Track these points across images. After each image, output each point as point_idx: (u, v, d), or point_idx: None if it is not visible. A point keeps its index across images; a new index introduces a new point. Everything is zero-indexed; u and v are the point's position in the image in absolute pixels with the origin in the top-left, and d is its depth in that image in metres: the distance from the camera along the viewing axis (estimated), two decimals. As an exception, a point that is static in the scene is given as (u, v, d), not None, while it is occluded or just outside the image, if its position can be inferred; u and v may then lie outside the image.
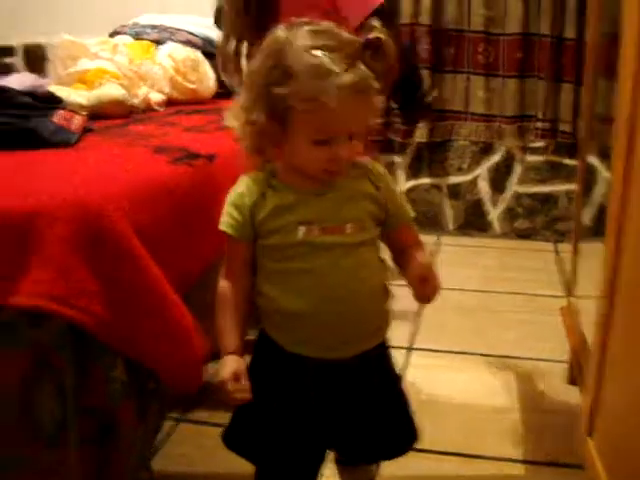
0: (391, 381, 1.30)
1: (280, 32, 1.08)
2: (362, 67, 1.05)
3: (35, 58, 2.56)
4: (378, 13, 1.64)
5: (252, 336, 1.22)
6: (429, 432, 1.31)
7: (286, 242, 1.13)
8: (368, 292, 1.18)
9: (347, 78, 1.02)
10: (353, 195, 1.15)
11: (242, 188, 1.14)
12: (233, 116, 1.12)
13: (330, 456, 1.34)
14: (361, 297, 1.16)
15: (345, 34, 1.08)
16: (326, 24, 1.09)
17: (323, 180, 1.12)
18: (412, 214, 1.23)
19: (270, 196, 1.13)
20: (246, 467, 1.26)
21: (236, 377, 1.10)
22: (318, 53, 1.02)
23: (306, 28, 1.07)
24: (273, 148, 1.10)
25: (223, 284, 1.16)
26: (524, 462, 1.72)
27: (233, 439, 1.26)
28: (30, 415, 1.10)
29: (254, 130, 1.09)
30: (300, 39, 1.05)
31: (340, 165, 1.09)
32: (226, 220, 1.13)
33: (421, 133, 3.38)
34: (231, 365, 1.11)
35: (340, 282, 1.14)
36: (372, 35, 1.06)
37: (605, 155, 3.18)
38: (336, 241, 1.13)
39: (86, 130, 1.55)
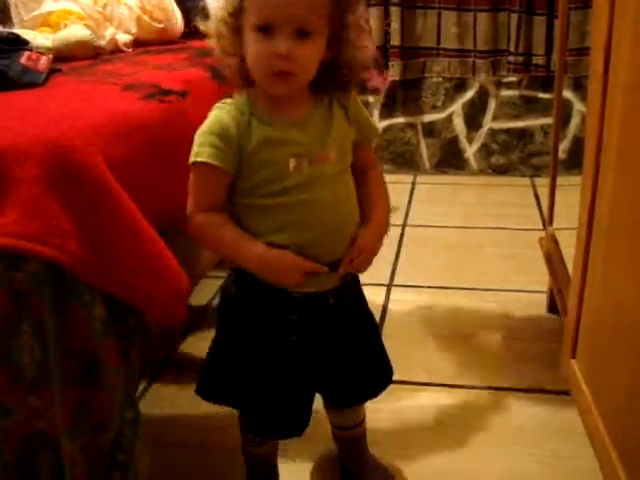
0: (368, 317, 1.31)
1: None
2: None
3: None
4: None
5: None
6: (412, 365, 1.32)
7: (275, 175, 1.11)
8: (347, 214, 1.19)
9: None
10: (329, 121, 1.14)
11: (224, 117, 1.10)
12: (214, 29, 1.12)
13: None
14: (342, 222, 1.17)
15: None
16: None
17: (278, 91, 1.09)
18: (379, 132, 1.24)
19: (256, 126, 1.10)
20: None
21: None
22: None
23: None
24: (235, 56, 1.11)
25: (204, 217, 1.14)
26: (509, 390, 1.75)
27: (209, 389, 1.26)
28: (9, 359, 1.08)
29: (223, 45, 1.11)
30: None
31: (286, 63, 1.05)
32: (208, 151, 1.09)
33: (394, 71, 3.34)
34: (284, 251, 1.12)
35: (325, 214, 1.14)
36: None
37: (578, 87, 3.17)
38: (322, 171, 1.12)
39: (54, 71, 1.51)
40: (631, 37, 1.10)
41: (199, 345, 1.98)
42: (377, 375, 1.33)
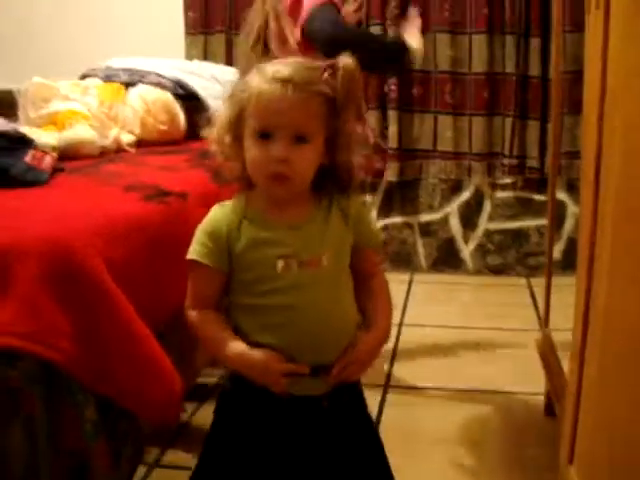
0: (366, 421, 1.29)
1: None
2: (310, 72, 1.10)
3: (6, 104, 2.55)
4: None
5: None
6: (407, 470, 1.30)
7: (264, 276, 1.12)
8: (341, 317, 1.17)
9: (285, 70, 1.08)
10: (326, 225, 1.15)
11: (217, 217, 1.13)
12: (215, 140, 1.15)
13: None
14: (335, 326, 1.16)
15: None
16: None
17: (276, 194, 1.12)
18: (381, 239, 1.23)
19: (246, 227, 1.12)
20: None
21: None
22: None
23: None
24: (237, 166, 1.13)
25: (195, 313, 1.14)
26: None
27: None
28: None
29: (224, 150, 1.13)
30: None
31: (283, 167, 1.08)
32: (199, 249, 1.11)
33: (391, 172, 3.40)
34: (263, 352, 1.10)
35: (316, 318, 1.13)
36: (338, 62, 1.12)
37: (572, 189, 3.22)
38: (313, 275, 1.12)
39: (57, 170, 1.55)
40: (620, 150, 1.14)
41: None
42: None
